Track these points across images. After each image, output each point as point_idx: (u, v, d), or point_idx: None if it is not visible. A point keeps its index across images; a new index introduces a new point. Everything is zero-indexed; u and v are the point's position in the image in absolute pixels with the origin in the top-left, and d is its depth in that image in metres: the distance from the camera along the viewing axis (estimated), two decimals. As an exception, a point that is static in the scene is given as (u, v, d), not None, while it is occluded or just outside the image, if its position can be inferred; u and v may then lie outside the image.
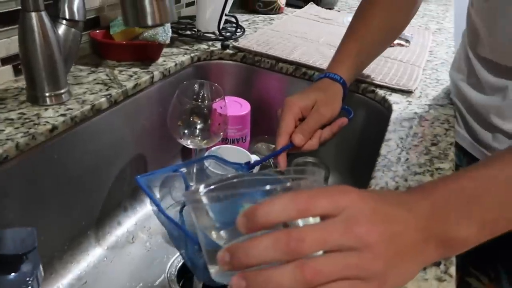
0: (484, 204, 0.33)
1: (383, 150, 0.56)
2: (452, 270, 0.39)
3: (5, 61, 0.62)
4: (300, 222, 0.28)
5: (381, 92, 0.74)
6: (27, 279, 0.38)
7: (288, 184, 0.29)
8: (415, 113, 0.67)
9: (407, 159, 0.54)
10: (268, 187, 0.28)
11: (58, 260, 0.61)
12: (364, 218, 0.27)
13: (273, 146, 0.85)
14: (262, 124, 0.86)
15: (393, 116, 0.66)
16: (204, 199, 0.29)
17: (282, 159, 0.54)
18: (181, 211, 0.49)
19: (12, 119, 0.54)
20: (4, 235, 0.38)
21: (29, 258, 0.39)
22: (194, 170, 0.67)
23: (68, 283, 0.61)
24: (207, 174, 0.63)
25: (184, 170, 0.49)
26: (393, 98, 0.72)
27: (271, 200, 0.26)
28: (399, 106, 0.69)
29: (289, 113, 0.54)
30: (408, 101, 0.71)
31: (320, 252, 0.26)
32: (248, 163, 0.55)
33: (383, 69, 0.80)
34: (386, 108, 0.72)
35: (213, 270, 0.29)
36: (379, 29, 0.65)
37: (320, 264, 0.25)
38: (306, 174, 0.33)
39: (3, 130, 0.52)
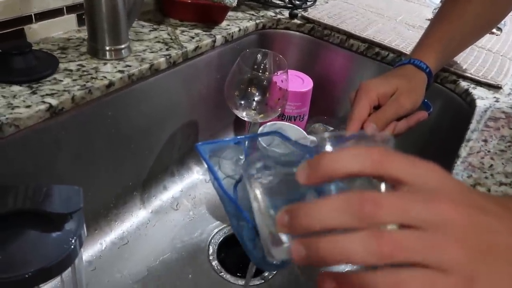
0: None
1: (463, 151, 0.49)
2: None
3: (70, 9, 0.60)
4: None
5: (463, 83, 0.65)
6: (70, 238, 0.37)
7: None
8: (504, 112, 0.59)
9: (491, 165, 0.47)
10: None
11: (103, 217, 0.61)
12: (451, 195, 0.21)
13: (331, 128, 0.80)
14: (322, 104, 0.80)
15: (476, 113, 0.58)
16: (261, 180, 0.25)
17: None
18: (235, 186, 0.46)
19: (71, 70, 0.53)
20: (51, 191, 0.37)
21: (73, 217, 0.37)
22: (246, 143, 0.63)
23: (111, 241, 0.61)
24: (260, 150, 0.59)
25: (246, 143, 0.46)
26: (477, 92, 0.63)
27: (341, 148, 0.21)
28: (484, 102, 0.61)
29: (364, 98, 0.48)
30: (495, 97, 0.62)
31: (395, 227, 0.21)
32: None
33: (468, 58, 0.71)
34: (467, 103, 0.63)
35: (273, 251, 0.25)
36: (477, 15, 0.56)
37: (402, 236, 0.20)
38: None
39: (61, 81, 0.50)
